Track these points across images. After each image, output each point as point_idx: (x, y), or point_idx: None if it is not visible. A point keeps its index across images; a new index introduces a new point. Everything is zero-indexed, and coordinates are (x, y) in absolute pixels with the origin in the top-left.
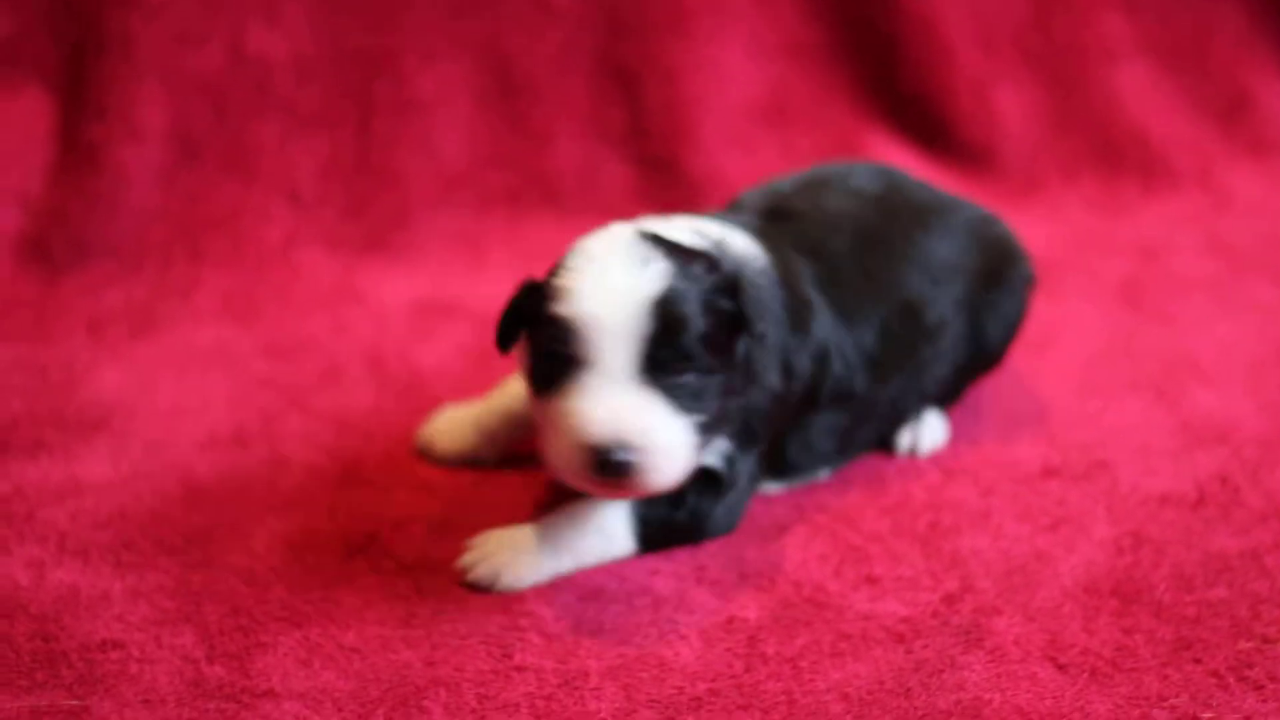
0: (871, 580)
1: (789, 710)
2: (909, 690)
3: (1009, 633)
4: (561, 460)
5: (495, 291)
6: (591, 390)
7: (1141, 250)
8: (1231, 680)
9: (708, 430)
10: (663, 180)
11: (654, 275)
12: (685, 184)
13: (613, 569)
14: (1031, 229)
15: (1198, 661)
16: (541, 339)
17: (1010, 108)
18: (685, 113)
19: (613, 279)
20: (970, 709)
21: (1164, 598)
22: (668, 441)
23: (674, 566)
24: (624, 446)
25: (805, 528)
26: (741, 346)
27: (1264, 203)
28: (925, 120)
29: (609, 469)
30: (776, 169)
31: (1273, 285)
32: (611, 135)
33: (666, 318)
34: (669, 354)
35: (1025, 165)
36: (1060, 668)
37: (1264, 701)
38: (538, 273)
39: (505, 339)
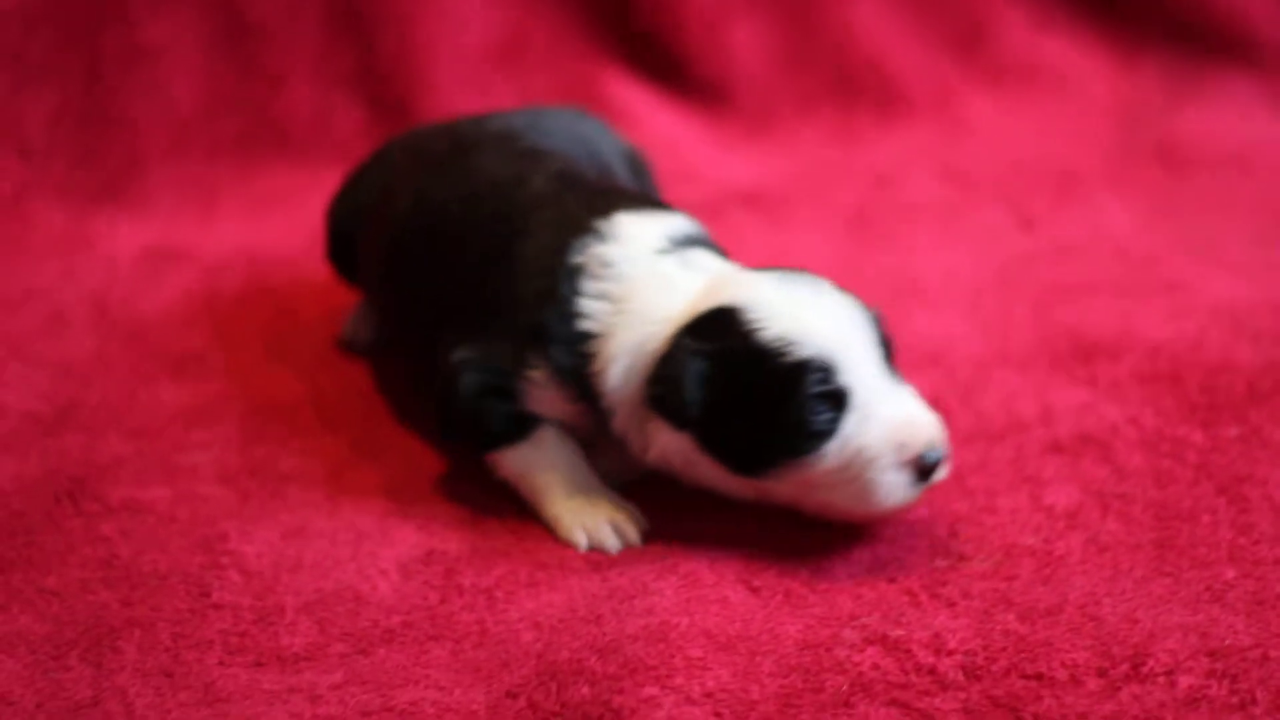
0: None
1: (480, 640)
2: (600, 617)
3: (705, 558)
4: (877, 493)
5: (226, 237)
6: (882, 409)
7: (875, 180)
8: (925, 598)
9: None
10: (396, 123)
11: (836, 292)
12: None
13: (320, 504)
14: (767, 163)
15: (892, 581)
16: (774, 396)
17: (744, 42)
18: (418, 55)
19: (827, 306)
20: (657, 633)
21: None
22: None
23: (381, 502)
24: (938, 442)
25: None
26: None
27: (999, 130)
28: (660, 58)
29: (930, 470)
30: None
31: (1002, 211)
32: (343, 78)
33: (877, 322)
34: (888, 357)
35: (761, 99)
36: (753, 590)
37: (955, 618)
38: (271, 218)
39: (691, 410)
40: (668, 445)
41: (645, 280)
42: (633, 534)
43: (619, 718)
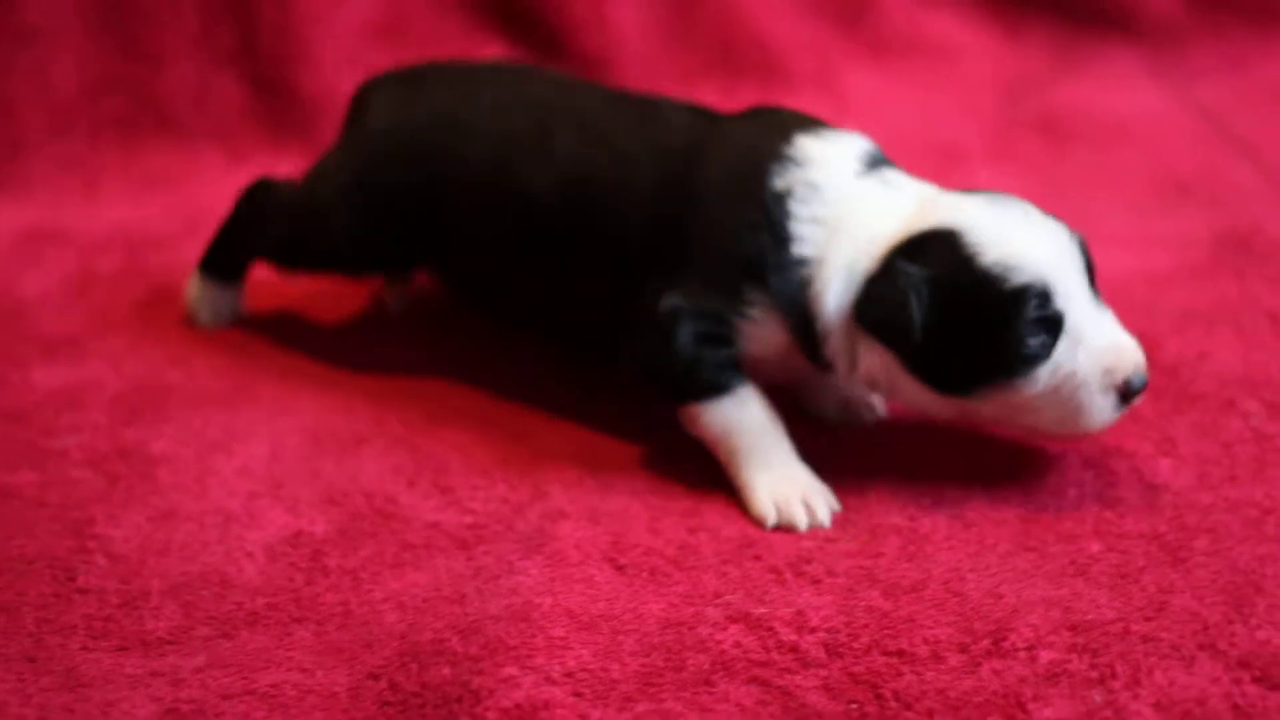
0: (444, 490)
1: (344, 621)
2: (464, 597)
3: (572, 536)
4: (1083, 416)
5: (106, 219)
6: (1093, 335)
7: None
8: (789, 576)
9: None
10: (278, 102)
11: (1045, 217)
12: (301, 105)
13: (190, 488)
14: None
15: (758, 558)
16: (993, 319)
17: (627, 18)
18: (299, 33)
19: (1042, 232)
20: (520, 613)
21: (733, 498)
22: None
23: (250, 484)
24: (1143, 367)
25: (384, 440)
26: None
27: (881, 104)
28: (543, 34)
29: (1135, 394)
30: None
31: None
32: (224, 58)
33: (1084, 247)
34: (1093, 280)
35: (644, 75)
36: (619, 569)
37: (819, 595)
38: (152, 199)
39: (912, 333)
40: (874, 365)
41: (854, 202)
42: (823, 513)
43: (477, 698)
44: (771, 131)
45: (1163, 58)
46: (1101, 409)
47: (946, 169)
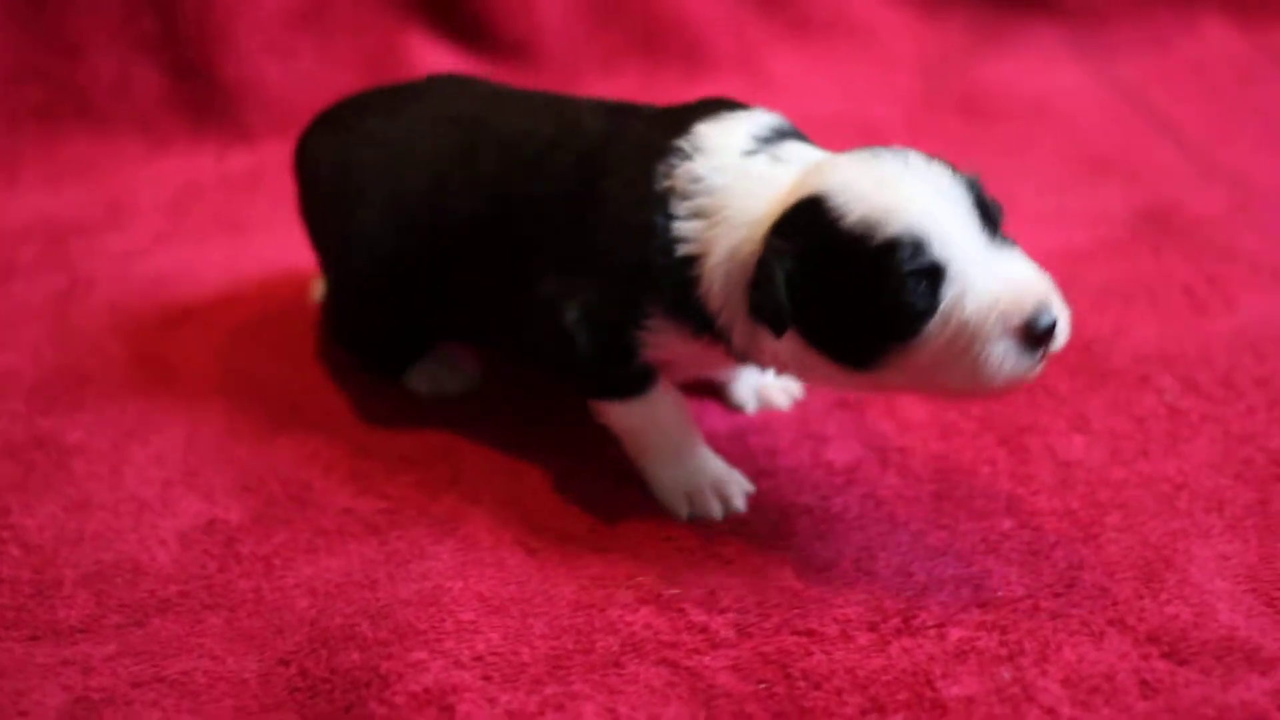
0: (359, 476)
1: (255, 607)
2: (375, 582)
3: (485, 521)
4: (983, 369)
5: (26, 207)
6: (980, 278)
7: None
8: (701, 557)
9: None
10: (199, 89)
11: (924, 160)
12: (222, 92)
13: (105, 476)
14: None
15: (670, 540)
16: (867, 282)
17: (548, 2)
18: (219, 20)
19: (912, 178)
20: (430, 597)
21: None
22: (1055, 289)
23: (165, 473)
24: (1047, 306)
25: (301, 427)
26: None
27: (803, 85)
28: (464, 19)
29: (1042, 338)
30: (317, 75)
31: None
32: (144, 45)
33: (972, 187)
34: (989, 220)
35: (566, 58)
36: (531, 552)
37: (731, 576)
38: (72, 187)
39: (783, 316)
40: (780, 349)
41: (735, 185)
42: (738, 500)
43: (386, 683)
44: (668, 126)
45: (1084, 35)
46: (1002, 359)
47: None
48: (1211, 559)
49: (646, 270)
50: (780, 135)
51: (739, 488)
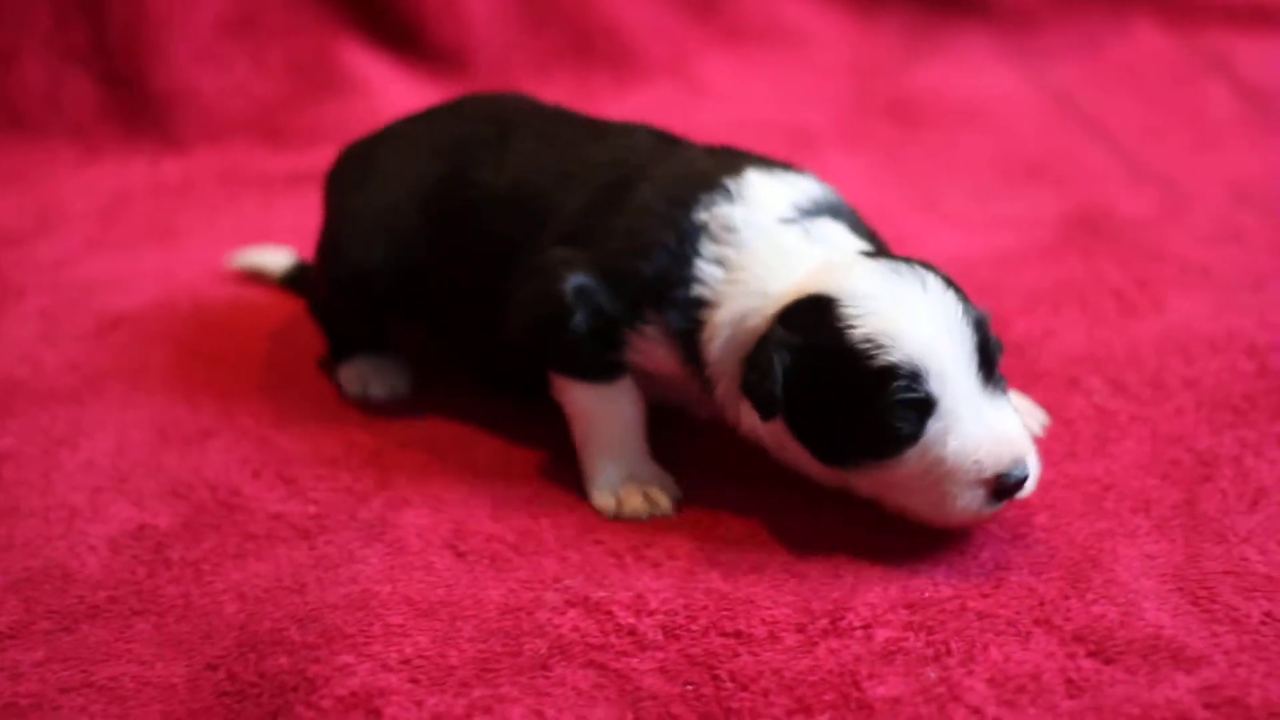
0: (288, 480)
1: (184, 613)
2: (304, 586)
3: (414, 525)
4: (948, 506)
5: None
6: (967, 422)
7: None
8: (630, 560)
9: None
10: (131, 99)
11: (941, 291)
12: (154, 102)
13: (35, 483)
14: None
15: (599, 543)
16: (859, 397)
17: (481, 7)
18: (151, 29)
19: (925, 307)
20: (359, 601)
21: (575, 485)
22: (1031, 444)
23: (95, 479)
24: (1021, 463)
25: (231, 433)
26: None
27: (735, 90)
28: (396, 26)
29: (1009, 491)
30: (250, 84)
31: None
32: (75, 53)
33: (979, 328)
34: (987, 364)
35: (498, 64)
36: (460, 555)
37: (659, 579)
38: (5, 196)
39: (774, 406)
40: (758, 427)
41: (763, 251)
42: (665, 504)
43: (313, 687)
44: (725, 161)
45: (1016, 39)
46: (968, 502)
47: (796, 152)
48: (1138, 558)
49: (660, 284)
50: (821, 210)
51: (669, 492)
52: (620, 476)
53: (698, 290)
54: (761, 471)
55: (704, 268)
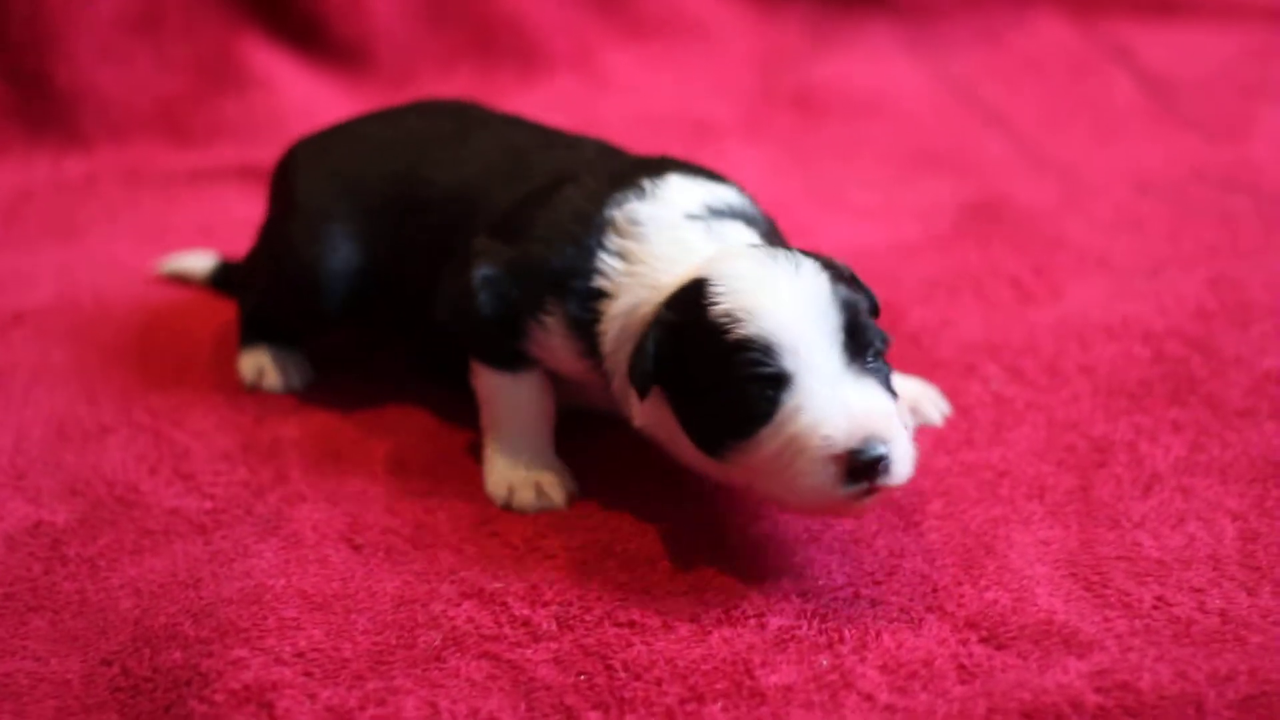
0: (185, 476)
1: (80, 609)
2: (199, 581)
3: (310, 518)
4: (802, 486)
5: None
6: (819, 396)
7: None
8: (526, 552)
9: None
10: (33, 95)
11: (813, 273)
12: (57, 98)
13: None
14: None
15: (495, 535)
16: (718, 373)
17: (382, 3)
18: (52, 25)
19: (786, 285)
20: (253, 595)
21: (471, 479)
22: (900, 427)
23: None
24: (877, 440)
25: (129, 429)
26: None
27: (638, 83)
28: (298, 21)
29: (864, 470)
30: (152, 80)
31: None
32: None
33: (849, 309)
34: (857, 346)
35: (401, 59)
36: (356, 548)
37: (555, 570)
38: None
39: (647, 383)
40: (648, 416)
41: (663, 244)
42: (558, 497)
43: (206, 681)
44: (653, 165)
45: (918, 32)
46: (822, 480)
47: (700, 145)
48: (1032, 545)
49: (563, 276)
50: (735, 214)
51: (565, 486)
52: (516, 466)
53: (598, 281)
54: (659, 467)
55: (606, 260)
